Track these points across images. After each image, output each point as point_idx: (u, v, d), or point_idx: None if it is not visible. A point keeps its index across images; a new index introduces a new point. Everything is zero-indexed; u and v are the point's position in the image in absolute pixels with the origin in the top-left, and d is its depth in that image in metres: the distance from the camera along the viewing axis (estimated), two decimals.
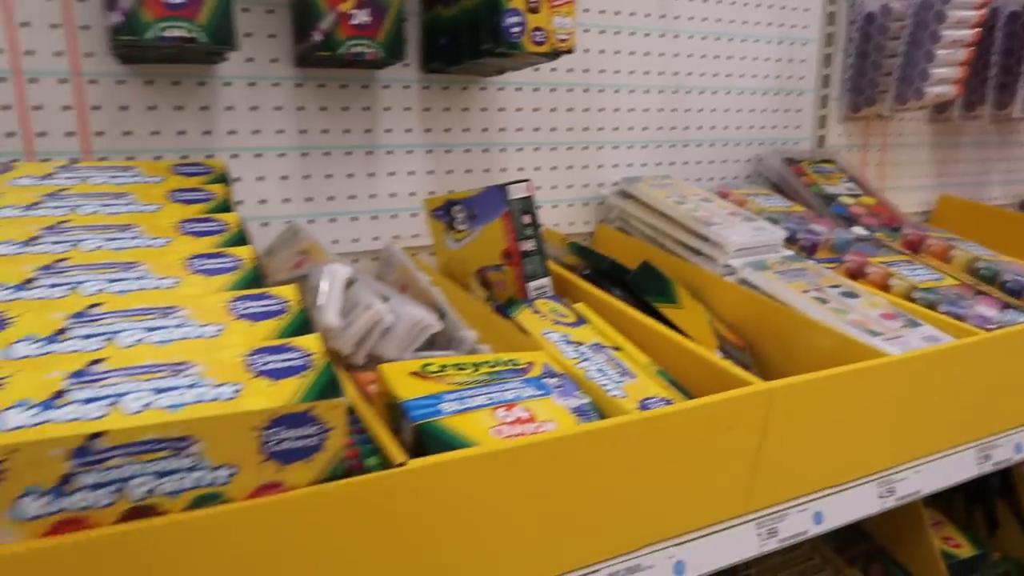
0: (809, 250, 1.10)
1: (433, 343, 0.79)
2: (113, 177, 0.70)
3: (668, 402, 0.69)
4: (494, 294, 0.88)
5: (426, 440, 0.57)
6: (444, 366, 0.66)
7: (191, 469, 0.44)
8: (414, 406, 0.59)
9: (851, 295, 0.95)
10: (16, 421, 0.40)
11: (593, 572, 0.63)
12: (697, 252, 1.02)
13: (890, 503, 0.83)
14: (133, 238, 0.60)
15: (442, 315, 0.81)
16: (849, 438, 0.78)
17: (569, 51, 0.87)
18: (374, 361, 0.74)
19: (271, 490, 0.47)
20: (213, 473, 0.45)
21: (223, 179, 0.73)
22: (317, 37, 0.83)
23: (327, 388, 0.47)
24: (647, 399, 0.69)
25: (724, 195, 1.19)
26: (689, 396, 0.71)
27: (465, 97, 1.04)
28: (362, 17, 0.84)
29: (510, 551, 0.58)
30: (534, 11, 0.84)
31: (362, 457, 0.54)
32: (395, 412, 0.61)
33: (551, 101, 1.11)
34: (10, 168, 0.68)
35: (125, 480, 0.42)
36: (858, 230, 1.18)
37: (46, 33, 0.80)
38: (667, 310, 0.89)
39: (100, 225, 0.61)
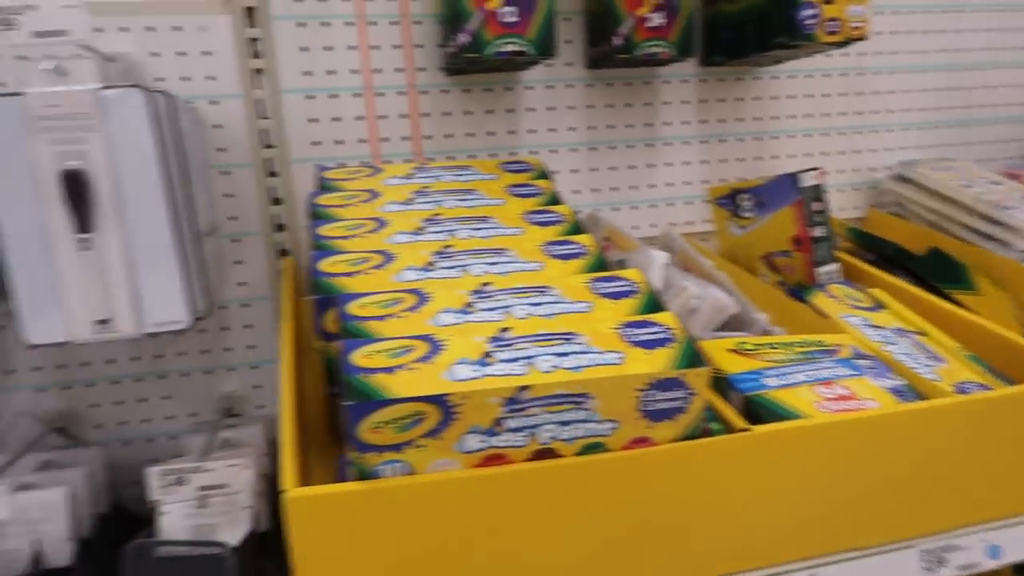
0: None
1: (725, 324, 0.85)
2: (458, 176, 0.82)
3: (985, 387, 0.69)
4: (782, 279, 0.91)
5: (756, 410, 0.62)
6: (758, 345, 0.71)
7: (585, 420, 0.53)
8: (740, 379, 0.65)
9: None
10: (464, 374, 0.51)
11: (908, 547, 0.66)
12: (989, 237, 0.99)
13: None
14: (493, 228, 0.71)
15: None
16: None
17: (862, 38, 0.88)
18: None
19: (642, 443, 0.55)
20: (600, 425, 0.53)
21: (544, 175, 0.83)
22: (617, 41, 0.90)
23: (693, 358, 0.54)
24: (962, 383, 0.70)
25: (1013, 177, 1.13)
26: (1009, 382, 0.71)
27: (740, 87, 1.08)
28: (658, 20, 0.90)
29: (834, 517, 0.62)
30: (828, 1, 0.86)
31: (707, 421, 0.60)
32: (718, 384, 0.67)
33: (824, 87, 1.12)
34: (380, 171, 0.82)
35: (536, 426, 0.52)
36: None
37: (390, 53, 0.94)
38: (962, 296, 0.87)
39: (464, 217, 0.72)
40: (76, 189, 0.66)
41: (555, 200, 0.78)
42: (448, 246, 0.67)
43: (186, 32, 0.87)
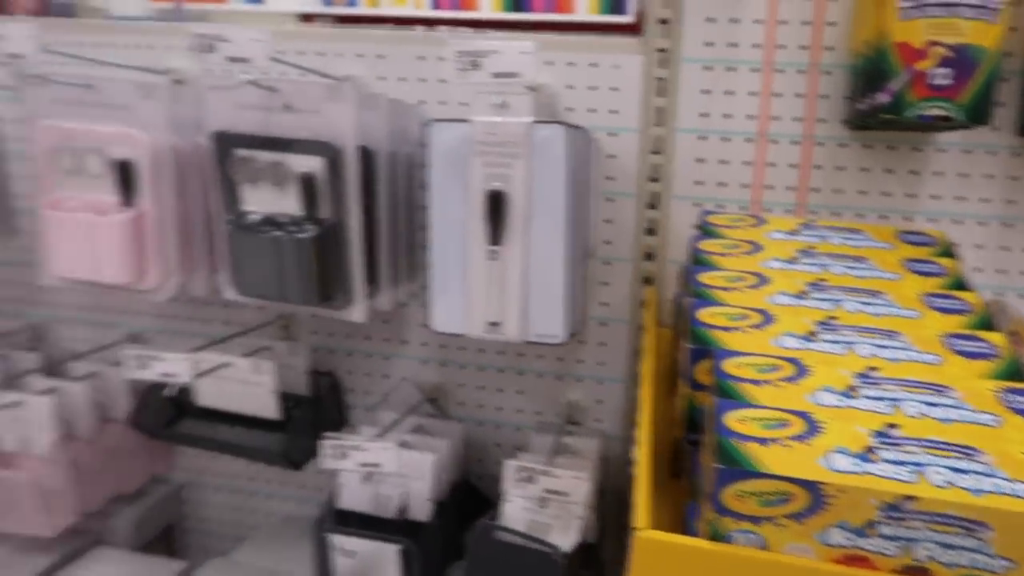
0: None
1: None
2: (847, 239, 0.78)
3: None
4: None
5: None
6: None
7: (973, 550, 0.47)
8: None
9: None
10: (841, 465, 0.49)
11: None
12: None
13: None
14: (885, 305, 0.66)
15: None
16: None
17: None
18: None
19: None
20: (992, 560, 0.47)
21: (949, 252, 0.75)
22: None
23: None
24: None
25: None
26: None
27: None
28: None
29: None
30: None
31: None
32: None
33: None
34: (764, 222, 0.81)
35: (913, 540, 0.48)
36: None
37: (791, 102, 0.92)
38: None
39: (852, 287, 0.69)
40: (496, 207, 0.75)
41: (961, 284, 0.70)
42: (833, 317, 0.64)
43: (600, 69, 0.94)
